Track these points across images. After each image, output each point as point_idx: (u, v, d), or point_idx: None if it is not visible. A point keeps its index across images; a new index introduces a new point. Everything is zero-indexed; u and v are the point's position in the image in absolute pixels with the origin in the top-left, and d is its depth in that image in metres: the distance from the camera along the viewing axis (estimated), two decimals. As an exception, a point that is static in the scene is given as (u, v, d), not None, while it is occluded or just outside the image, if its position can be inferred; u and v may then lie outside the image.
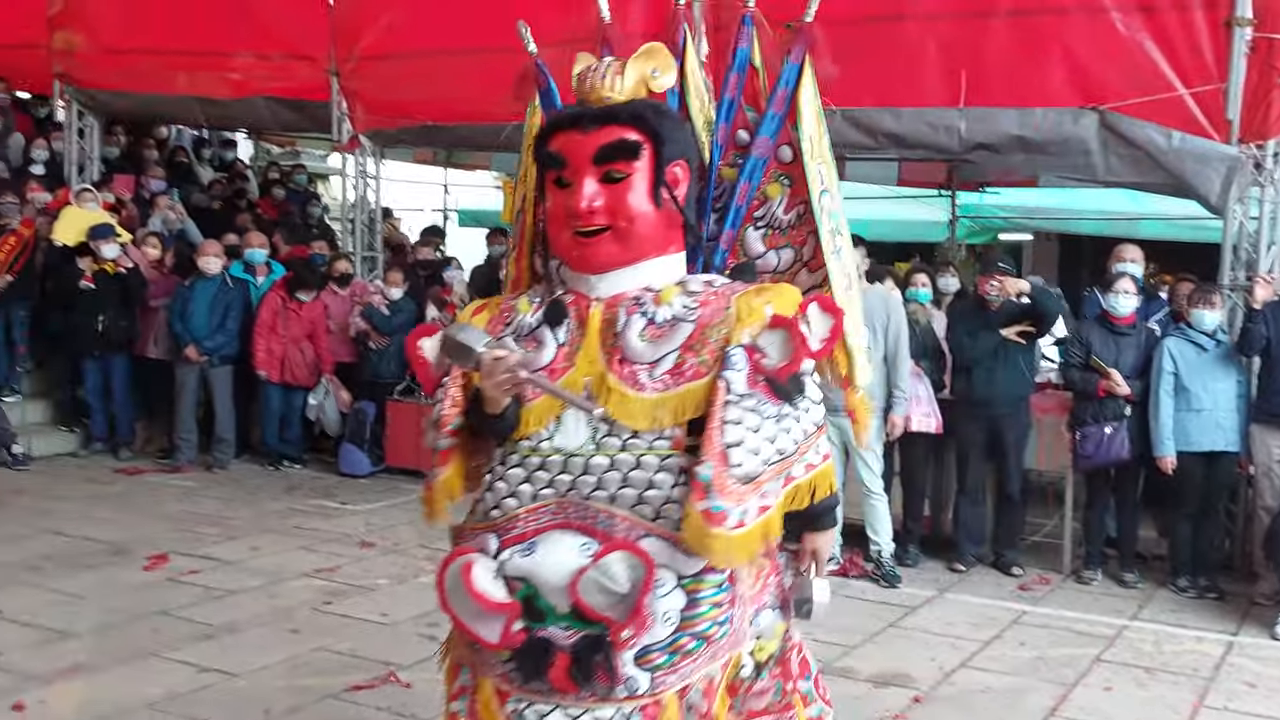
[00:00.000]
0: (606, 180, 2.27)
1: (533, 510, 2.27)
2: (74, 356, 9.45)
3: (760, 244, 2.69)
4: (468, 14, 9.33)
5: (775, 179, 2.62)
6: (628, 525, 2.21)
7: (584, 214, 2.26)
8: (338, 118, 10.22)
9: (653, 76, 2.42)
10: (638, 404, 2.25)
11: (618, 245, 2.31)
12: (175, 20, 10.52)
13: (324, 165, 16.76)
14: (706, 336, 2.26)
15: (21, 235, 9.40)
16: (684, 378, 2.24)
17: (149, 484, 8.57)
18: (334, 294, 9.46)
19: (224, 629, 5.26)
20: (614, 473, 2.25)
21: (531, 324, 2.38)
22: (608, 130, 2.28)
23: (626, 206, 2.28)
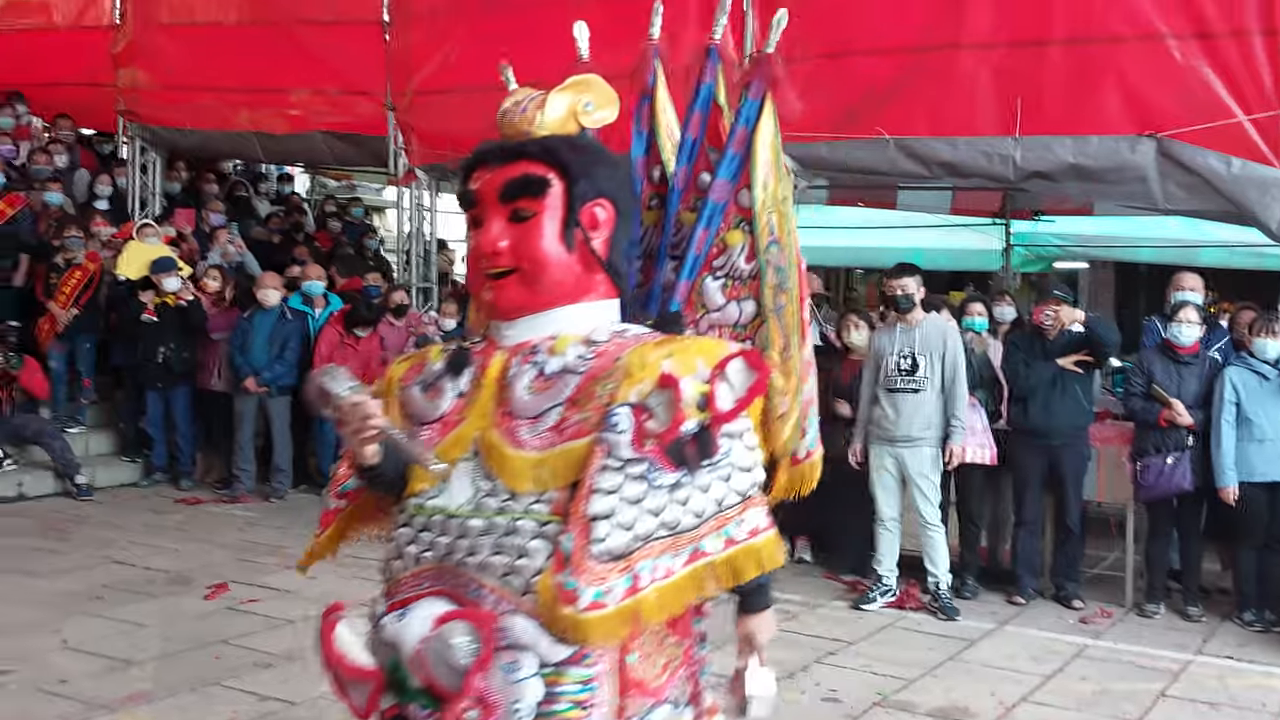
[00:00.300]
0: (514, 219, 2.09)
1: (415, 575, 2.08)
2: (137, 388, 9.63)
3: (720, 295, 2.42)
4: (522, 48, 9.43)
5: (736, 225, 2.38)
6: (495, 597, 1.97)
7: (489, 254, 2.09)
8: (394, 151, 10.39)
9: (585, 110, 2.22)
10: (518, 462, 2.03)
11: (525, 289, 2.10)
12: (236, 58, 10.77)
13: (380, 198, 17.00)
14: (592, 391, 2.01)
15: (87, 269, 9.61)
16: (564, 436, 2.00)
17: (208, 513, 8.69)
18: (390, 325, 9.57)
19: (283, 657, 5.31)
20: (487, 537, 2.02)
21: (436, 372, 2.21)
22: (516, 166, 2.11)
23: (531, 247, 2.08)
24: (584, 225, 2.12)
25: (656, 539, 1.92)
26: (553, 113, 2.19)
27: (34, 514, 8.40)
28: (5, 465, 8.89)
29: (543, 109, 2.18)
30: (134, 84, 11.52)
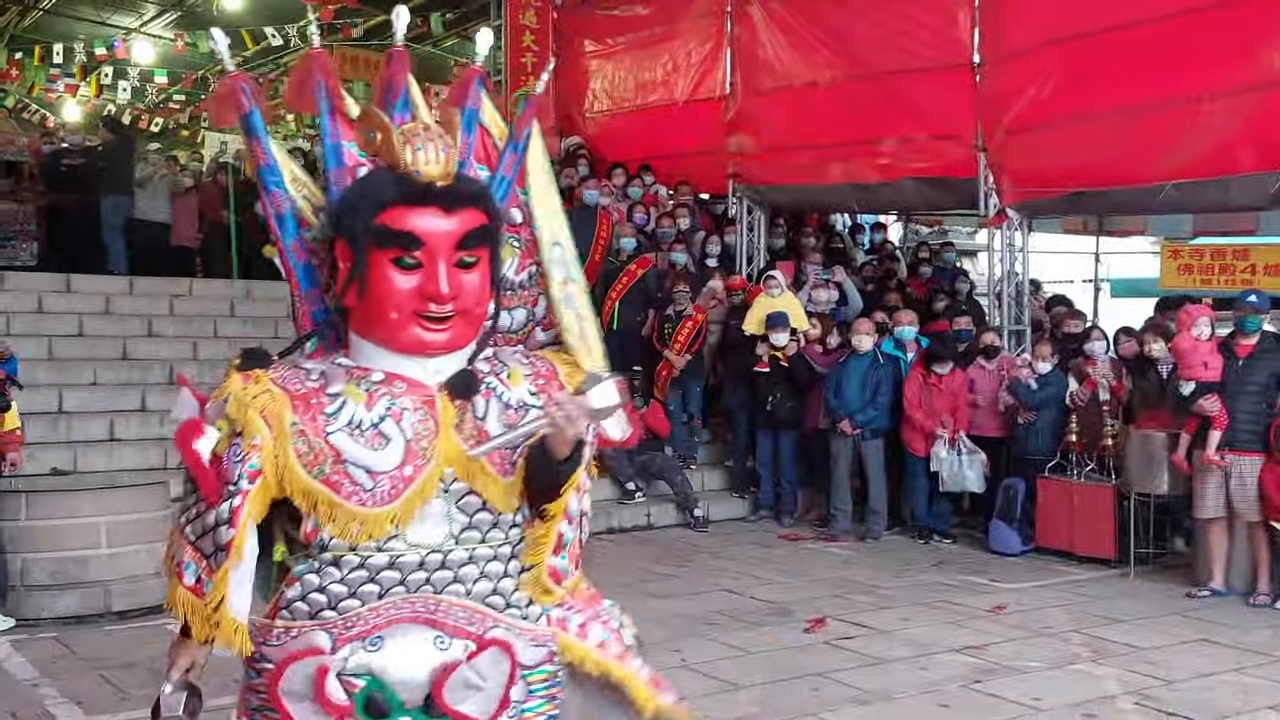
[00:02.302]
0: (459, 265, 2.20)
1: (374, 609, 2.20)
2: (749, 430, 10.36)
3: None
4: (1121, 73, 9.02)
5: (506, 242, 2.49)
6: (476, 617, 2.23)
7: (439, 301, 2.18)
8: (984, 192, 10.29)
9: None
10: (502, 488, 2.25)
11: (465, 329, 2.25)
12: (829, 115, 11.29)
13: (971, 242, 16.88)
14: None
15: (696, 320, 10.54)
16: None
17: (807, 550, 9.10)
18: (981, 368, 9.45)
19: (878, 696, 5.42)
20: (471, 567, 2.24)
21: (374, 419, 2.20)
22: (470, 214, 2.22)
23: (478, 293, 2.24)
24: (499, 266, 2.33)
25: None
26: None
27: (659, 541, 9.32)
28: (637, 497, 9.97)
29: (453, 149, 2.24)
30: (741, 148, 12.48)
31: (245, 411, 2.16)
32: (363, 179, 2.27)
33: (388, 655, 2.17)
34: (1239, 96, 8.38)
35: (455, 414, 2.24)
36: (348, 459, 2.16)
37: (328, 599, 2.19)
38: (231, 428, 2.17)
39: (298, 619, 2.20)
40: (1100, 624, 6.77)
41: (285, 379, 2.22)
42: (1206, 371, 7.41)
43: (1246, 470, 7.28)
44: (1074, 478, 8.49)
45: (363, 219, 2.18)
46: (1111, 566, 8.20)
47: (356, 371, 2.24)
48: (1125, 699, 5.40)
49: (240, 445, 2.15)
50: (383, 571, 2.19)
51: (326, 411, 2.18)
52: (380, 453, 2.18)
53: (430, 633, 2.19)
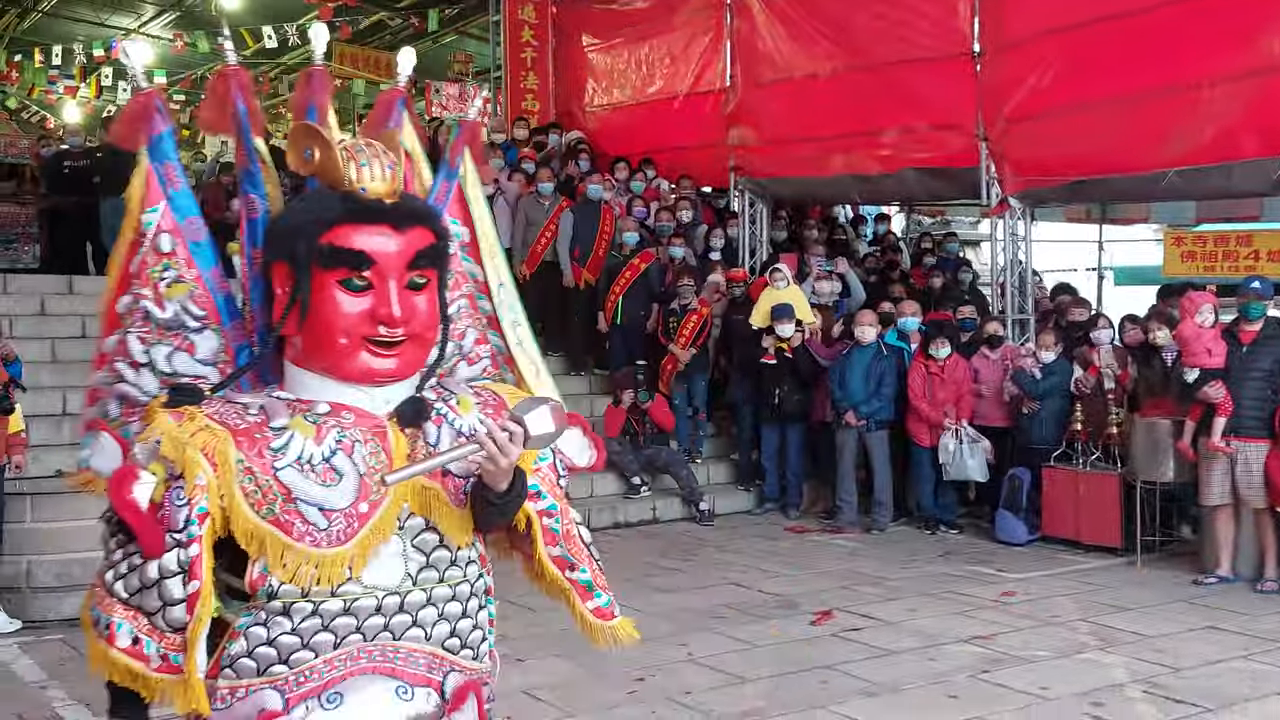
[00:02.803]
0: (410, 286, 2.07)
1: (328, 660, 2.01)
2: (754, 423, 10.35)
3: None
4: (1122, 61, 9.00)
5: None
6: (435, 662, 2.09)
7: (391, 324, 2.04)
8: (986, 182, 10.28)
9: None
10: (457, 518, 2.10)
11: (415, 355, 2.11)
12: (830, 106, 11.28)
13: (974, 232, 16.86)
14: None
15: (701, 314, 10.53)
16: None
17: (813, 542, 9.10)
18: (985, 357, 9.44)
19: (886, 687, 5.41)
20: (430, 609, 2.08)
21: (324, 453, 2.04)
22: (419, 233, 2.09)
23: (429, 316, 2.11)
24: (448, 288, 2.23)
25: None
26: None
27: (664, 535, 9.32)
28: (642, 491, 9.96)
29: (396, 165, 2.13)
30: (742, 141, 12.47)
31: (184, 450, 1.97)
32: (304, 197, 2.14)
33: (348, 712, 2.00)
34: (1240, 82, 8.35)
35: (407, 444, 2.09)
36: (299, 497, 2.00)
37: (278, 652, 2.00)
38: (169, 470, 1.99)
39: (244, 677, 2.01)
40: (1107, 612, 6.76)
41: (222, 414, 2.04)
42: (1211, 358, 7.40)
43: (1252, 456, 7.27)
44: (1079, 466, 8.48)
45: (306, 238, 2.04)
46: (1118, 555, 8.19)
47: (299, 404, 2.08)
48: (1133, 687, 5.39)
49: (183, 488, 1.97)
50: (337, 618, 2.01)
51: (273, 446, 2.02)
52: (333, 489, 2.02)
53: (391, 683, 2.04)
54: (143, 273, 2.26)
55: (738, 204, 12.61)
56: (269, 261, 2.12)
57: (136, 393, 2.24)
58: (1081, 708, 5.10)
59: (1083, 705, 5.12)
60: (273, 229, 2.15)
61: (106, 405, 2.27)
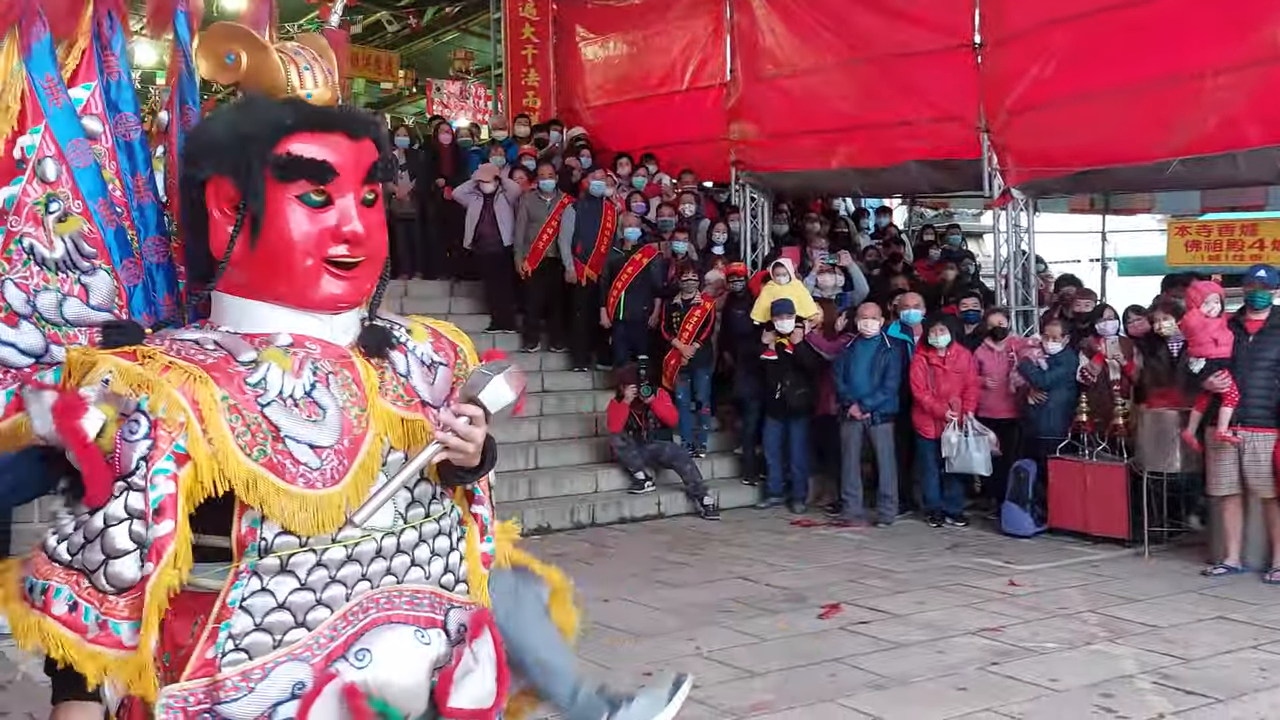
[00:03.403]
0: (363, 203, 1.90)
1: (345, 614, 1.83)
2: (758, 418, 10.34)
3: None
4: (1125, 51, 8.98)
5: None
6: (437, 601, 1.94)
7: (352, 241, 1.86)
8: (988, 174, 10.26)
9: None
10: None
11: (369, 278, 1.93)
12: (832, 99, 11.27)
13: (977, 224, 16.84)
14: (458, 377, 2.03)
15: (705, 309, 10.52)
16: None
17: (820, 536, 9.08)
18: (989, 349, 9.42)
19: (895, 680, 5.40)
20: (424, 546, 1.93)
21: (305, 387, 1.84)
22: (369, 144, 1.91)
23: (382, 235, 1.93)
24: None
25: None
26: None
27: (670, 530, 9.31)
28: (646, 486, 9.95)
29: (335, 74, 1.95)
30: (743, 135, 12.44)
31: (154, 386, 1.73)
32: (241, 105, 1.90)
33: (381, 668, 1.83)
34: (1244, 71, 8.33)
35: (376, 375, 1.93)
36: (287, 435, 1.79)
37: (293, 615, 1.79)
38: (122, 407, 1.74)
39: (258, 655, 1.77)
40: (1116, 603, 6.75)
41: (181, 352, 1.80)
42: (1217, 348, 7.38)
43: (1260, 446, 7.24)
44: (1086, 458, 8.46)
45: (258, 147, 1.81)
46: (1126, 546, 8.17)
47: (256, 338, 1.86)
48: (1143, 678, 5.38)
49: (138, 423, 1.72)
50: (343, 567, 1.83)
51: (250, 382, 1.80)
52: (319, 425, 1.83)
53: (407, 629, 1.88)
54: (23, 208, 1.97)
55: (739, 198, 12.59)
56: (200, 179, 1.87)
57: (11, 353, 1.96)
58: (1091, 699, 5.08)
59: (1092, 696, 5.11)
60: (203, 141, 1.89)
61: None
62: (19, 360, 1.97)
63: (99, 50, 2.06)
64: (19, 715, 5.12)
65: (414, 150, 12.61)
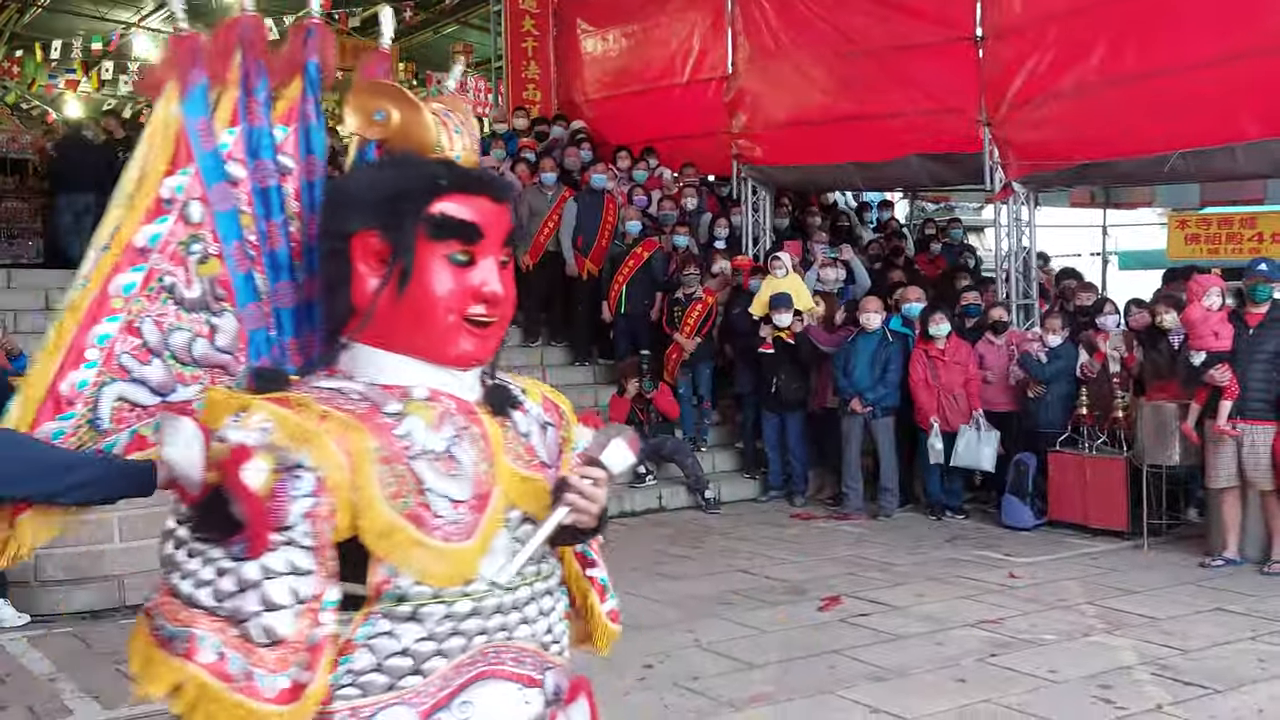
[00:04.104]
0: (500, 264, 1.94)
1: (457, 665, 1.84)
2: (756, 412, 10.35)
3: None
4: (1125, 44, 8.99)
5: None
6: (539, 660, 1.94)
7: (492, 302, 1.90)
8: (989, 167, 10.25)
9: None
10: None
11: (498, 338, 1.96)
12: (833, 92, 11.26)
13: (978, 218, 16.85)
14: (564, 438, 2.08)
15: (706, 303, 10.53)
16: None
17: (820, 529, 9.10)
18: (989, 343, 9.43)
19: (894, 672, 5.42)
20: (533, 604, 1.94)
21: (445, 441, 1.87)
22: (507, 209, 1.95)
23: (512, 295, 1.96)
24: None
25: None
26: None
27: (671, 524, 9.33)
28: (647, 480, 9.96)
29: (476, 138, 2.00)
30: (744, 128, 12.44)
31: (314, 439, 1.74)
32: (396, 161, 1.94)
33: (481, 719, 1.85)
34: (1243, 63, 8.32)
35: (501, 432, 1.94)
36: (429, 488, 1.81)
37: (413, 661, 1.80)
38: (281, 461, 1.73)
39: (370, 694, 1.79)
40: (1115, 595, 6.76)
41: (330, 401, 1.82)
42: (1217, 341, 7.39)
43: (1259, 439, 7.26)
44: (1086, 451, 8.47)
45: (413, 206, 1.86)
46: (1125, 538, 8.18)
47: (395, 390, 1.88)
48: (1141, 669, 5.39)
49: (299, 479, 1.72)
50: (467, 619, 1.85)
51: (397, 434, 1.82)
52: (456, 480, 1.85)
53: (510, 685, 1.89)
54: (168, 246, 2.02)
55: (741, 192, 12.58)
56: (348, 231, 1.90)
57: (139, 391, 2.00)
58: (1090, 690, 5.10)
59: (1091, 687, 5.13)
60: (353, 194, 1.93)
61: (95, 411, 1.99)
62: (147, 399, 2.01)
63: (244, 97, 2.10)
64: (18, 709, 5.13)
65: (414, 143, 12.58)
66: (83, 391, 1.98)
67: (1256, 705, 4.92)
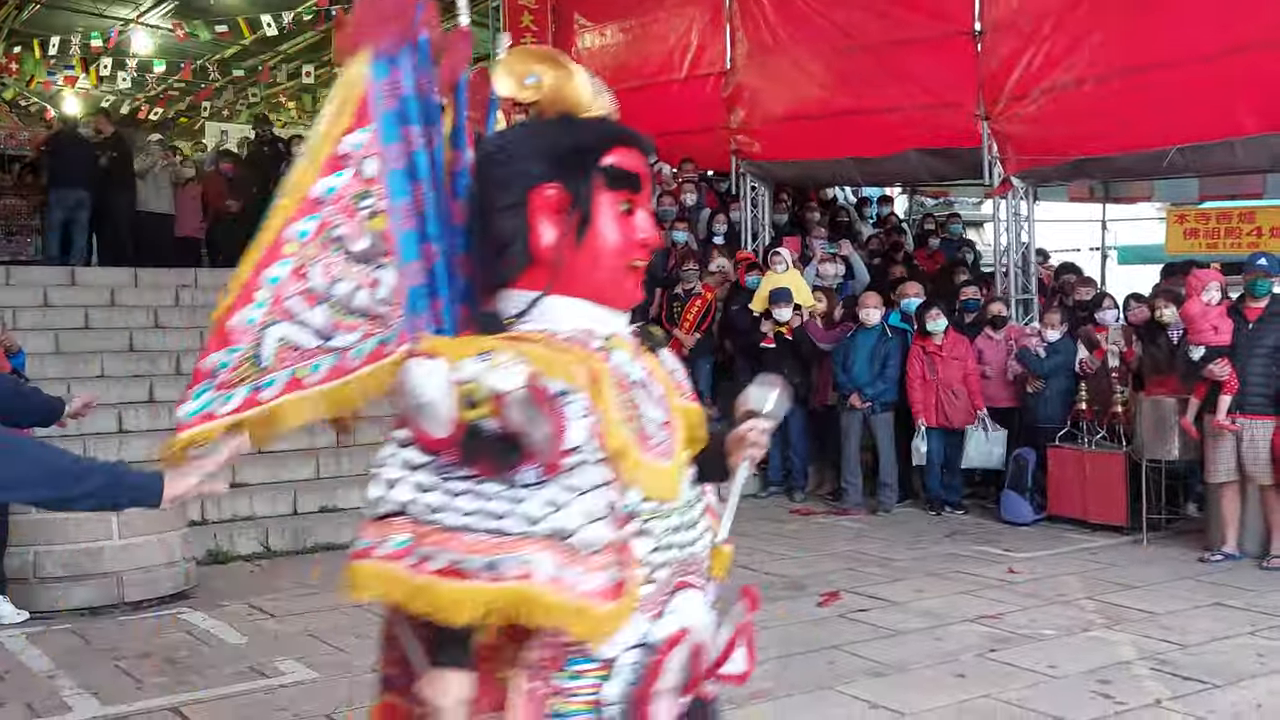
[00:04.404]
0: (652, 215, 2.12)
1: (669, 575, 2.01)
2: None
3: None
4: (1123, 38, 8.98)
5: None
6: (703, 570, 2.09)
7: (648, 247, 2.06)
8: (988, 162, 10.24)
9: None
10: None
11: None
12: (831, 87, 11.24)
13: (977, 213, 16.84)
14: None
15: (705, 299, 10.52)
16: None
17: (819, 524, 9.10)
18: (988, 338, 9.42)
19: (893, 667, 5.42)
20: (701, 523, 2.10)
21: (642, 372, 2.05)
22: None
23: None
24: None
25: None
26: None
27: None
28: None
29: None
30: (742, 124, 12.42)
31: (568, 368, 1.88)
32: (561, 120, 2.06)
33: (690, 618, 2.03)
34: (1241, 56, 8.31)
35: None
36: (642, 412, 1.98)
37: (647, 570, 1.94)
38: (549, 389, 1.86)
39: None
40: (1114, 590, 6.76)
41: (548, 341, 1.96)
42: (1217, 336, 7.38)
43: (1258, 434, 7.26)
44: (1085, 445, 8.47)
45: (593, 158, 2.00)
46: (1124, 533, 8.19)
47: (582, 332, 2.01)
48: (1141, 664, 5.39)
49: (575, 402, 1.85)
50: (676, 533, 2.01)
51: (611, 364, 1.98)
52: (656, 405, 2.03)
53: (699, 594, 2.06)
54: (341, 199, 2.12)
55: (740, 187, 12.57)
56: (525, 186, 1.99)
57: (302, 334, 2.09)
58: (1089, 685, 5.10)
59: (1090, 683, 5.13)
60: (528, 152, 2.02)
61: (259, 349, 2.07)
62: (309, 342, 2.09)
63: (425, 66, 2.20)
64: (17, 706, 5.13)
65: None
66: (250, 328, 2.07)
67: (1255, 700, 4.92)
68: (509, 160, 2.03)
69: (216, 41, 18.85)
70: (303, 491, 8.75)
